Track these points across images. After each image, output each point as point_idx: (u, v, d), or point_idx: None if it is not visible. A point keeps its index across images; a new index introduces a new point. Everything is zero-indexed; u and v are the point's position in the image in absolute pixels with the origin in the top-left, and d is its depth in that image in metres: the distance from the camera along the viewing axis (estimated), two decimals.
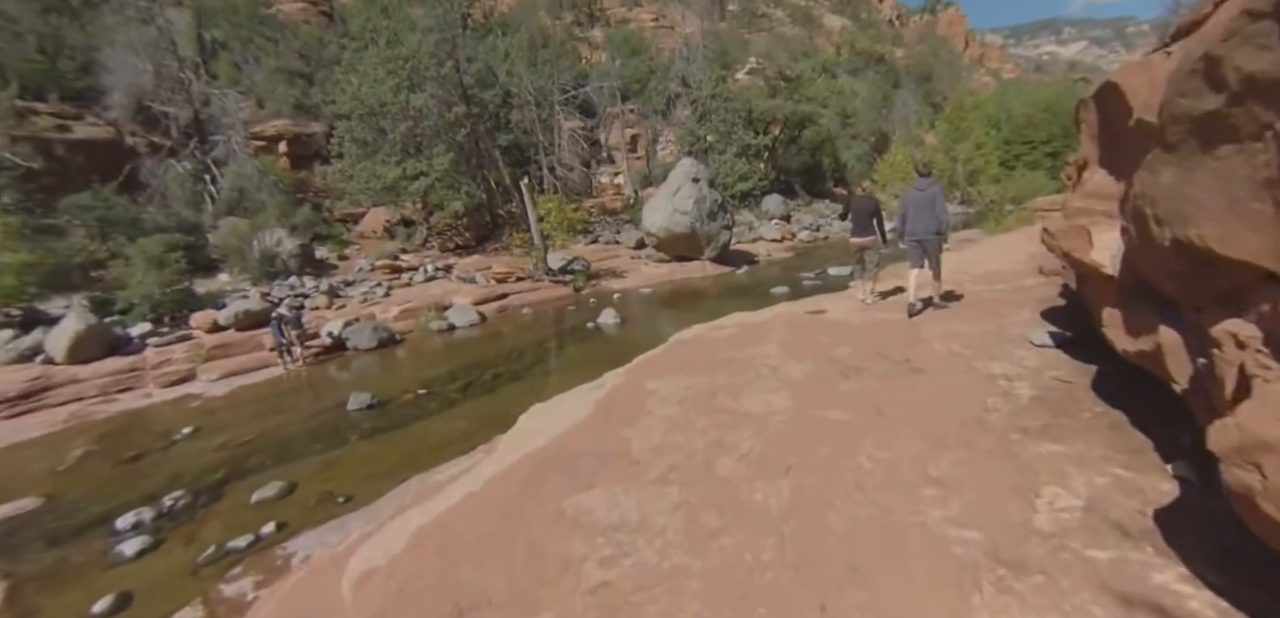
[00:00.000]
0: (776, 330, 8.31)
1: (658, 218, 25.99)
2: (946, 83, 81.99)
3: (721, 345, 8.02)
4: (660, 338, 16.42)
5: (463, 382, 14.55)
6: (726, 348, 7.83)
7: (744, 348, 7.67)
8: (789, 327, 8.44)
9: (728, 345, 7.95)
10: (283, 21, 42.08)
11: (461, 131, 30.70)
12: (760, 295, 20.81)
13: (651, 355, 8.58)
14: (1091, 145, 5.34)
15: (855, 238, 9.89)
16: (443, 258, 29.21)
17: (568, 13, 65.22)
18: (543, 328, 19.58)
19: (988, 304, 8.44)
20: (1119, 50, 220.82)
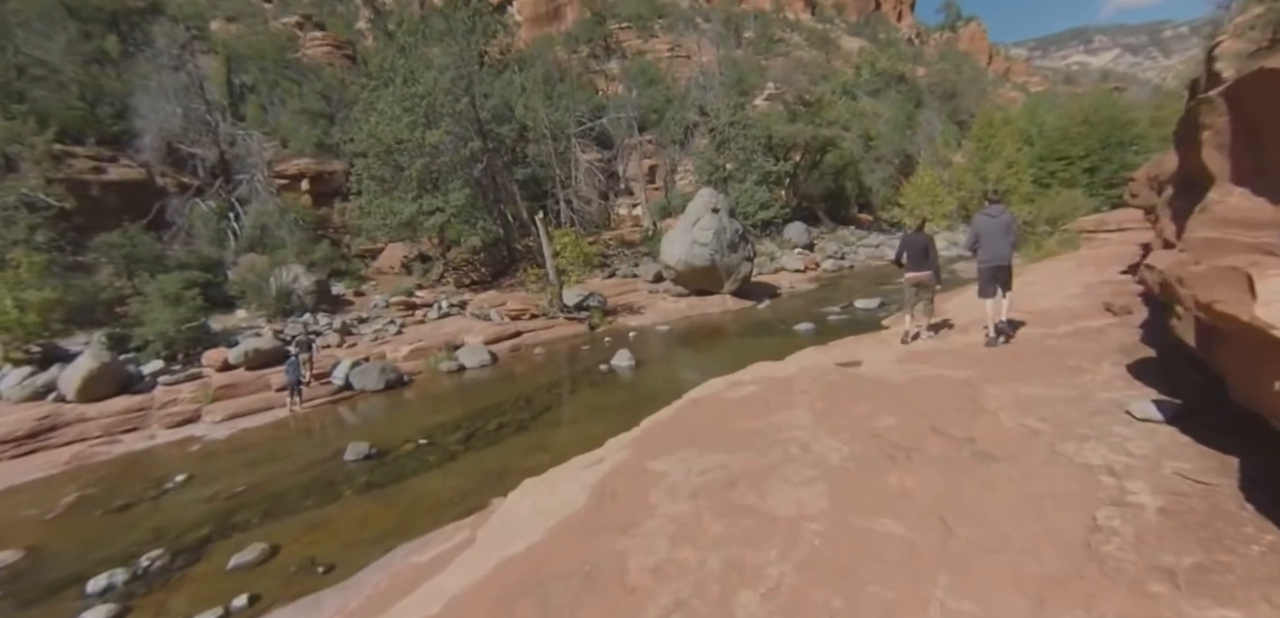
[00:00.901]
0: (805, 390, 7.11)
1: (676, 250, 24.92)
2: (971, 100, 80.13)
3: (741, 410, 6.83)
4: (675, 384, 15.28)
5: (466, 431, 13.51)
6: (747, 414, 6.64)
7: (767, 415, 6.47)
8: (819, 386, 7.23)
9: (748, 411, 6.76)
10: (307, 64, 42.50)
11: (478, 167, 30.13)
12: (783, 334, 19.53)
13: (661, 420, 7.43)
14: (1219, 158, 4.12)
15: (911, 273, 9.52)
16: (458, 294, 28.48)
17: (584, 46, 65.23)
18: (554, 370, 18.51)
19: (1055, 354, 7.16)
20: (1156, 57, 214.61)
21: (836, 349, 9.62)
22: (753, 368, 9.09)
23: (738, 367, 17.02)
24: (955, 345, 8.43)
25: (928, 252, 9.47)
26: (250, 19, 45.03)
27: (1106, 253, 17.96)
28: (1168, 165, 7.25)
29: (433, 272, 30.93)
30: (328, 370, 18.00)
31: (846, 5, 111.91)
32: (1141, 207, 11.27)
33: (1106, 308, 9.18)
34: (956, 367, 7.24)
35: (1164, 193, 7.44)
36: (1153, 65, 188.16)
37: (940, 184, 47.57)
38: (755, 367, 9.15)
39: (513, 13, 71.88)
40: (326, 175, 33.36)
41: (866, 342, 9.87)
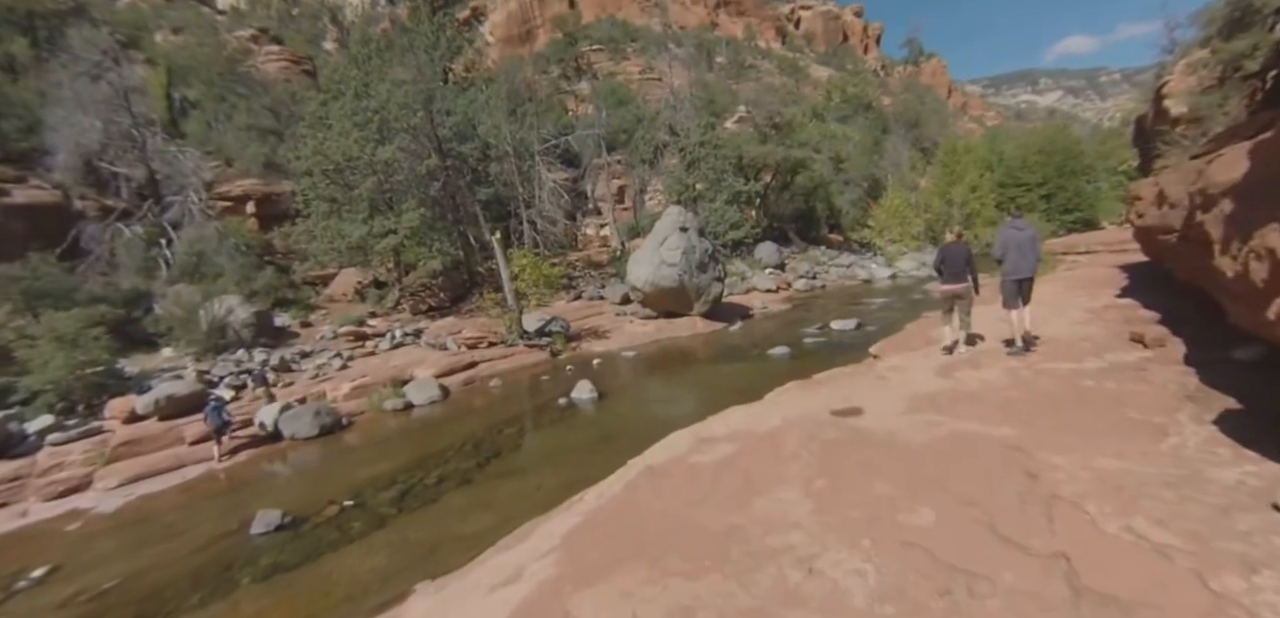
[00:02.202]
0: (796, 454, 5.33)
1: (643, 271, 23.14)
2: (934, 129, 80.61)
3: (712, 490, 4.99)
4: (639, 422, 13.39)
5: (402, 487, 11.41)
6: (720, 497, 4.81)
7: (749, 498, 4.65)
8: (814, 448, 5.44)
9: (722, 491, 4.93)
10: (260, 79, 40.03)
11: (435, 185, 28.06)
12: (757, 359, 17.81)
13: (605, 504, 5.54)
14: None
15: (947, 285, 9.42)
16: (414, 321, 26.24)
17: (555, 67, 63.74)
18: (510, 405, 16.47)
19: (1108, 401, 5.57)
20: (1094, 99, 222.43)
21: (825, 387, 7.90)
22: (727, 415, 7.28)
23: (708, 398, 15.21)
24: (974, 388, 6.76)
25: (968, 263, 9.26)
26: (199, 31, 42.36)
27: (1085, 275, 16.75)
28: (1224, 176, 5.72)
29: (388, 298, 28.64)
30: (251, 417, 15.69)
31: (816, 36, 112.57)
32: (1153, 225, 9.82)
33: (1134, 339, 7.66)
34: (987, 419, 5.56)
35: (1216, 207, 5.89)
36: (1091, 106, 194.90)
37: (909, 206, 46.96)
38: (730, 414, 7.34)
39: (484, 33, 70.32)
40: (275, 197, 30.85)
41: (861, 379, 8.14)
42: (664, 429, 12.42)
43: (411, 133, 27.06)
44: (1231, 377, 5.54)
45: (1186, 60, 34.75)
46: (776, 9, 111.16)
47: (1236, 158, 5.75)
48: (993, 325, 10.64)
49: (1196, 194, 6.34)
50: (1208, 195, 6.01)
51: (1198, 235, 6.38)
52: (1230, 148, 6.10)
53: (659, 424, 12.91)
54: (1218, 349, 6.41)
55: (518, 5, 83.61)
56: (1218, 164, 6.00)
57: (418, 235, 26.40)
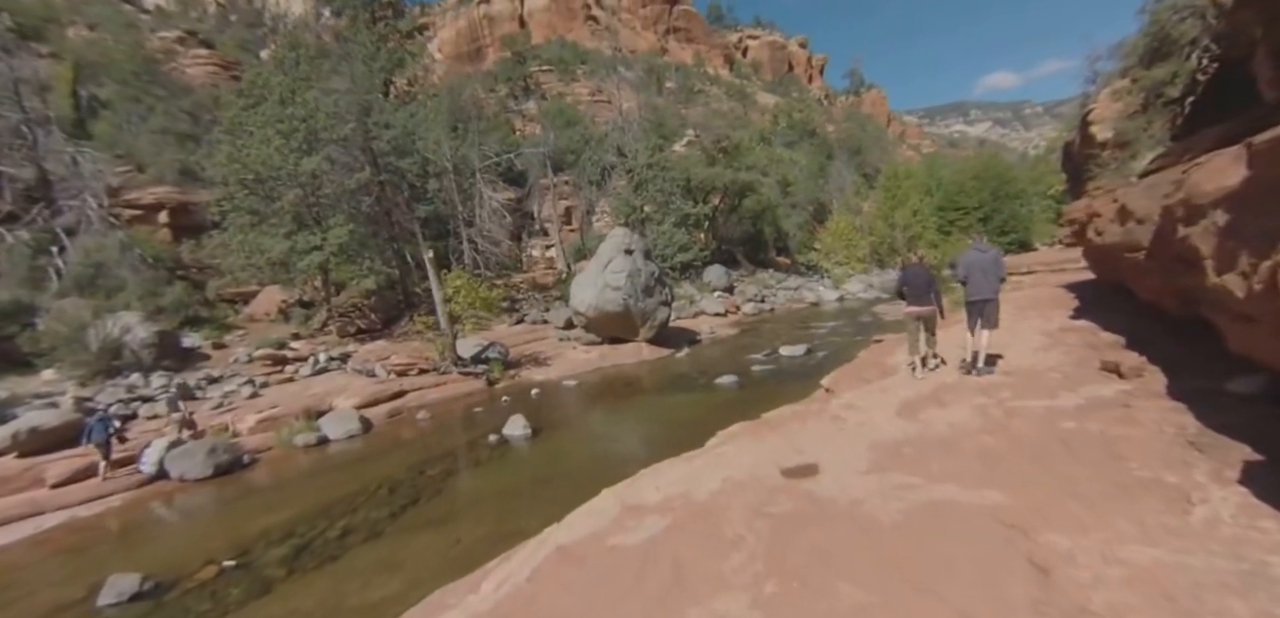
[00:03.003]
0: (740, 538, 4.17)
1: (587, 295, 21.92)
2: (876, 156, 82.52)
3: (632, 595, 3.76)
4: (576, 463, 12.10)
5: (299, 541, 9.77)
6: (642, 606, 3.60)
7: (678, 613, 3.46)
8: (761, 529, 4.30)
9: (645, 598, 3.71)
10: (183, 82, 37.29)
11: (367, 200, 26.23)
12: (704, 388, 16.78)
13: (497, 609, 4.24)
14: None
15: (912, 307, 9.17)
16: (342, 345, 24.21)
17: (503, 86, 62.31)
18: (436, 441, 14.88)
19: (1106, 453, 4.64)
20: (1019, 130, 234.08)
21: (774, 433, 6.83)
22: (661, 472, 6.11)
23: (650, 434, 13.99)
24: (943, 433, 5.79)
25: (931, 285, 9.10)
26: (116, 28, 39.24)
27: (1032, 295, 16.40)
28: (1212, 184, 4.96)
29: (314, 319, 26.48)
30: (134, 455, 13.66)
31: (763, 65, 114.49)
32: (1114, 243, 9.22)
33: (1107, 368, 6.88)
34: (967, 478, 4.57)
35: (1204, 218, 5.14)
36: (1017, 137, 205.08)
37: (854, 230, 47.29)
38: (665, 470, 6.17)
39: (431, 49, 68.34)
40: (191, 206, 28.30)
41: (814, 422, 7.08)
42: (600, 471, 11.18)
43: (341, 144, 25.22)
44: (1234, 415, 4.76)
45: (1110, 88, 36.19)
46: (725, 37, 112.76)
47: (1225, 164, 4.98)
48: (956, 352, 9.94)
49: (1177, 207, 5.58)
50: (1192, 207, 5.24)
51: (1180, 252, 5.63)
52: (1215, 155, 5.35)
53: (596, 465, 11.68)
54: (1204, 379, 5.66)
55: (467, 23, 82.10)
56: (1202, 173, 5.23)
57: (347, 253, 24.48)
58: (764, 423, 7.37)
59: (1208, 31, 25.13)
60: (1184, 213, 5.18)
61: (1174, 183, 5.89)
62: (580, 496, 9.19)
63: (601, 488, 7.71)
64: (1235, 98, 18.03)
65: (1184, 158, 8.83)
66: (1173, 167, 8.21)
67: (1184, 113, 25.68)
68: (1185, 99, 25.93)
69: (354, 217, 24.87)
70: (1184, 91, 25.72)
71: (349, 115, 25.78)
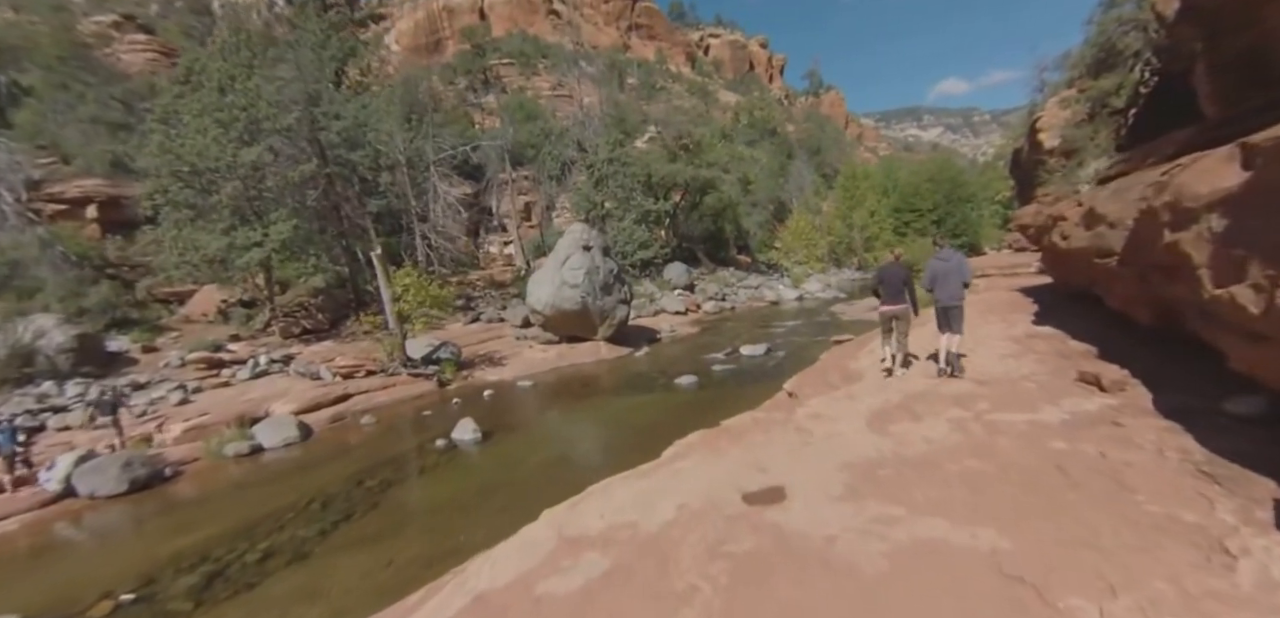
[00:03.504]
0: (693, 588, 3.62)
1: (543, 292, 21.17)
2: (835, 156, 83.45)
3: None
4: (526, 470, 11.44)
5: (213, 566, 8.85)
6: None
7: None
8: (717, 573, 3.76)
9: None
10: (119, 69, 34.98)
11: (313, 193, 24.89)
12: (663, 389, 16.25)
13: None
14: None
15: (886, 306, 9.14)
16: (285, 346, 22.91)
17: (462, 78, 60.71)
18: (381, 448, 13.97)
19: (1109, 482, 4.20)
20: (969, 136, 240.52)
21: (735, 446, 6.31)
22: (607, 493, 5.50)
23: (605, 440, 13.36)
24: (920, 451, 5.34)
25: (906, 283, 9.02)
26: (42, 10, 36.58)
27: (990, 299, 16.32)
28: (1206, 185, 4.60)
29: (256, 319, 25.03)
30: (32, 475, 12.40)
31: (724, 64, 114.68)
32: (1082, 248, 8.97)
33: (1085, 380, 6.53)
34: (956, 511, 4.10)
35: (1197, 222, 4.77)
36: (967, 143, 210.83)
37: (814, 229, 47.54)
38: (612, 490, 5.56)
39: (388, 40, 66.19)
40: (123, 200, 26.46)
41: (779, 433, 6.58)
42: (551, 480, 10.53)
43: (286, 135, 23.87)
44: (1239, 439, 4.39)
45: (1057, 98, 37.10)
46: (686, 35, 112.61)
47: (1217, 165, 4.63)
48: (925, 350, 9.67)
49: (1161, 210, 5.23)
50: (1182, 210, 4.88)
51: (1164, 259, 5.28)
52: (1201, 156, 5.01)
53: (547, 474, 11.02)
54: (1194, 395, 5.31)
55: (426, 14, 79.80)
56: (1192, 174, 4.88)
57: (291, 249, 23.15)
58: (724, 432, 6.84)
59: (1150, 45, 25.77)
60: (1171, 217, 4.82)
61: (1154, 185, 5.56)
62: (527, 508, 8.50)
63: (551, 500, 7.09)
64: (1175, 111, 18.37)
65: (1147, 162, 8.67)
66: (1140, 169, 8.00)
67: (1128, 124, 26.31)
68: (1129, 110, 26.56)
69: (299, 211, 23.54)
70: (1128, 103, 26.34)
71: (294, 104, 24.41)
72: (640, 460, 10.13)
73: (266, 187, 23.15)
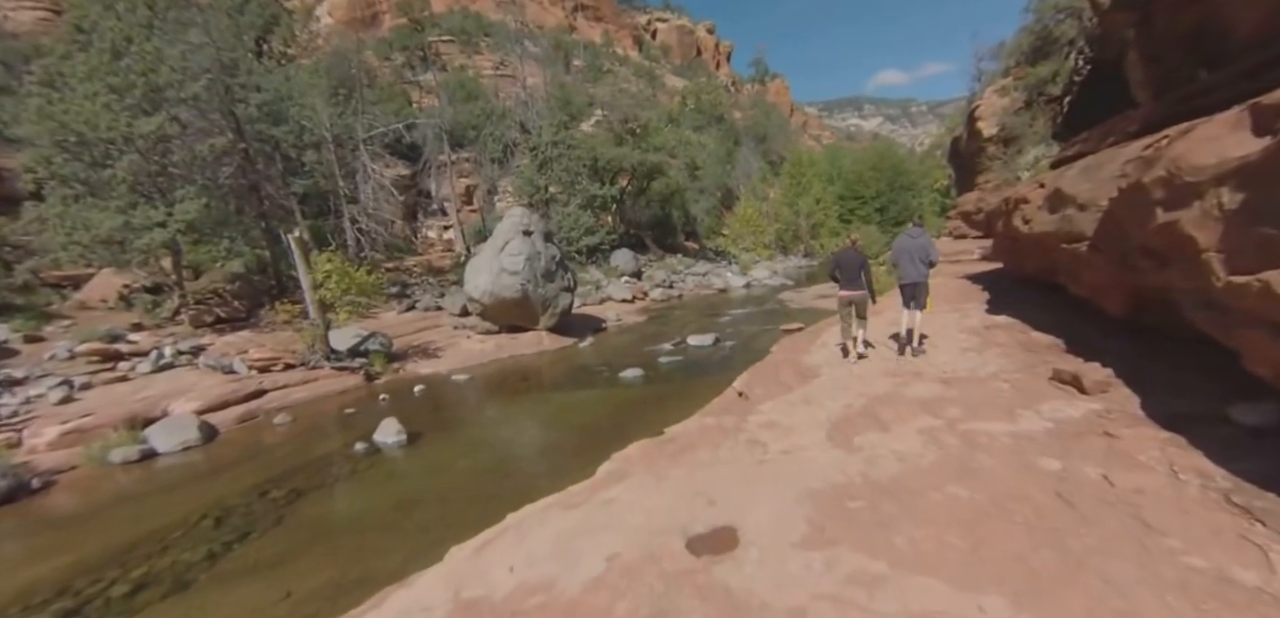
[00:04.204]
0: None
1: (481, 280, 19.94)
2: (781, 144, 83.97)
3: None
4: (453, 478, 10.37)
5: (71, 602, 7.47)
6: None
7: None
8: None
9: None
10: (8, 30, 31.44)
11: (226, 170, 22.78)
12: (607, 383, 15.38)
13: None
14: None
15: (844, 291, 9.05)
16: (196, 336, 20.85)
17: (399, 54, 57.82)
18: (293, 451, 12.58)
19: (1127, 517, 3.54)
20: (907, 126, 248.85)
21: (679, 466, 5.49)
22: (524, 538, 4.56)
23: (543, 440, 12.35)
24: (893, 472, 4.65)
25: (863, 268, 8.88)
26: None
27: (937, 286, 16.07)
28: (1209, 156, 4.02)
29: (164, 307, 22.75)
30: None
31: (671, 49, 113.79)
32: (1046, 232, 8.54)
33: (1061, 380, 5.98)
34: (949, 567, 3.37)
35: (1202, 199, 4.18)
36: (905, 133, 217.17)
37: (761, 216, 47.43)
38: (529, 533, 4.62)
39: (320, 11, 62.33)
40: (3, 173, 23.63)
41: (728, 449, 5.78)
42: (478, 491, 9.46)
43: (193, 105, 21.67)
44: (1262, 459, 3.77)
45: (995, 86, 37.91)
46: (633, 18, 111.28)
47: (1221, 131, 4.04)
48: (885, 335, 9.11)
49: (1152, 186, 4.65)
50: (1180, 186, 4.29)
51: (1155, 242, 4.72)
52: (1200, 124, 4.43)
53: (475, 482, 9.94)
54: (1187, 399, 4.78)
55: None
56: (1190, 143, 4.30)
57: (200, 230, 21.09)
58: (668, 444, 6.01)
59: (1083, 33, 26.34)
60: (1165, 194, 4.23)
61: (1137, 160, 5.01)
62: (452, 525, 7.53)
63: (477, 517, 6.17)
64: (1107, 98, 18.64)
65: (1107, 141, 8.32)
66: (1105, 148, 7.59)
67: (1063, 112, 26.85)
68: (1064, 98, 27.13)
69: (210, 189, 21.42)
70: (1064, 90, 26.91)
71: (204, 72, 22.19)
72: (578, 466, 9.24)
73: (172, 161, 20.95)
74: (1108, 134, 8.63)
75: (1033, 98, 28.86)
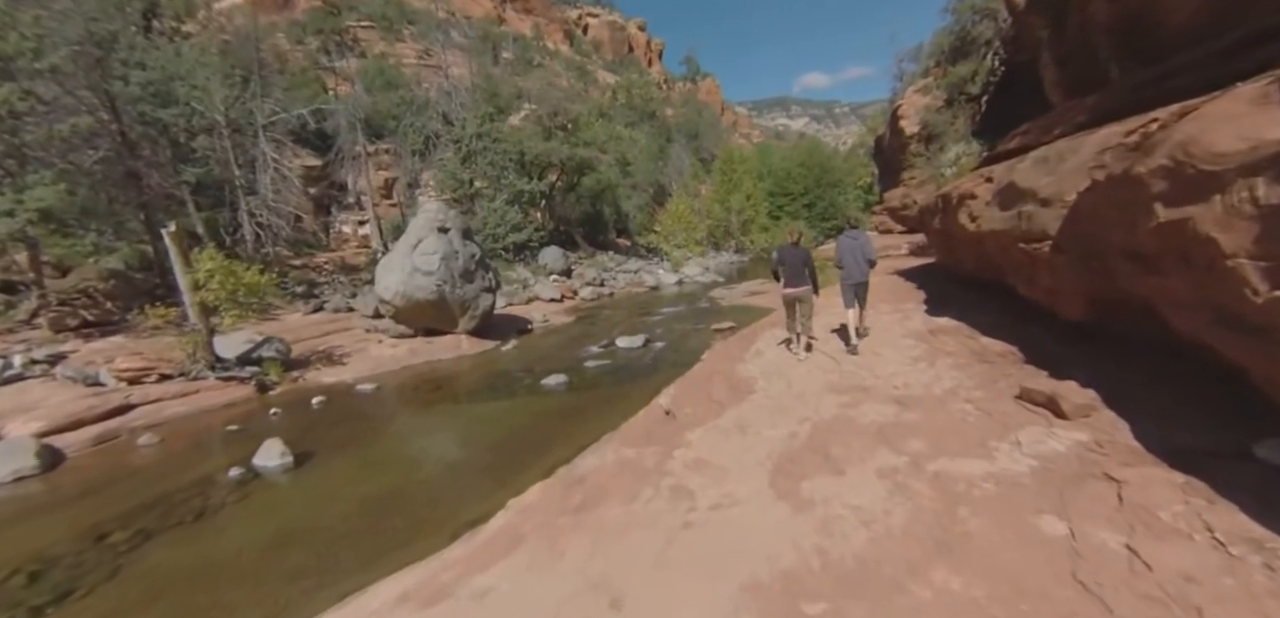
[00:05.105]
0: None
1: (392, 280, 18.27)
2: (712, 141, 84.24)
3: None
4: (340, 509, 8.92)
5: None
6: None
7: None
8: None
9: None
10: None
11: (92, 154, 20.07)
12: (527, 391, 14.16)
13: None
14: None
15: (787, 289, 8.88)
16: (57, 342, 18.18)
17: (313, 38, 54.11)
18: (153, 481, 10.68)
19: None
20: (831, 126, 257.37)
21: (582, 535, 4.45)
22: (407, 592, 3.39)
23: (452, 454, 11.01)
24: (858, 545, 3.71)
25: (806, 264, 8.80)
26: None
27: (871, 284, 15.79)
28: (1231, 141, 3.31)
29: (20, 307, 19.85)
30: None
31: (603, 45, 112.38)
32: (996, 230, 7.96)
33: (1033, 401, 5.22)
34: None
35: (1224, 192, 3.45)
36: (829, 133, 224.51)
37: (693, 212, 46.95)
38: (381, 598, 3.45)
39: None
40: None
41: (644, 492, 4.76)
42: (366, 529, 8.05)
43: (52, 78, 18.92)
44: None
45: (916, 86, 38.89)
46: (565, 13, 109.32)
47: (1241, 109, 3.33)
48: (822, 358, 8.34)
49: (1153, 177, 3.92)
50: (1192, 176, 3.56)
51: (1152, 244, 4.00)
52: (1210, 100, 3.72)
53: (364, 518, 8.33)
54: (1188, 430, 4.02)
55: None
56: (1203, 123, 3.56)
57: (59, 220, 18.44)
58: (575, 488, 4.93)
59: (999, 35, 27.00)
60: (1168, 185, 3.50)
61: (1121, 149, 4.31)
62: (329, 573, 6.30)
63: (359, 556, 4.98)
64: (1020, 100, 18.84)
65: (1053, 134, 7.83)
66: (1053, 139, 7.03)
67: (981, 110, 27.42)
68: (982, 97, 27.75)
69: (71, 174, 18.75)
70: (982, 89, 27.53)
71: (65, 42, 19.45)
72: (487, 489, 8.05)
73: (23, 142, 18.18)
74: (1052, 125, 8.18)
75: (954, 96, 29.54)
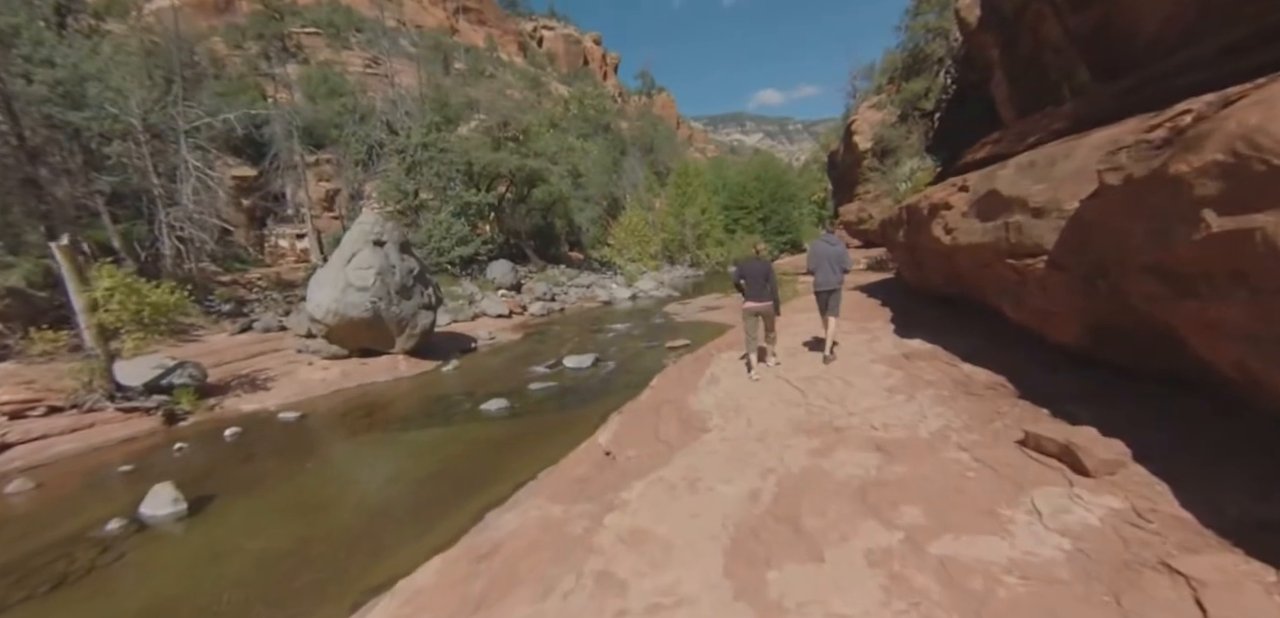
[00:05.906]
0: None
1: (324, 296, 16.92)
2: (667, 155, 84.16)
3: None
4: (237, 570, 7.65)
5: None
6: None
7: None
8: None
9: None
10: None
11: None
12: (465, 418, 13.08)
13: None
14: None
15: (750, 302, 8.58)
16: None
17: (253, 43, 51.54)
18: (14, 536, 9.17)
19: None
20: (784, 142, 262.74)
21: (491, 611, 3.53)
22: None
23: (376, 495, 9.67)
24: None
25: (768, 278, 8.52)
26: None
27: None
28: None
29: None
30: None
31: (558, 57, 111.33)
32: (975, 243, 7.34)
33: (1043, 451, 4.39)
34: None
35: None
36: (783, 149, 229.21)
37: (647, 225, 46.31)
38: None
39: None
40: None
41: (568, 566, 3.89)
42: (265, 590, 6.98)
43: None
44: None
45: (869, 102, 39.39)
46: (519, 24, 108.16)
47: None
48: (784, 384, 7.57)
49: (1196, 178, 3.22)
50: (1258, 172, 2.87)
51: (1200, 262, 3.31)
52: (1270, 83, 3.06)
53: (262, 580, 6.90)
54: (1236, 489, 3.29)
55: None
56: (1267, 105, 2.88)
57: None
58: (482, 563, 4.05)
59: (950, 53, 27.32)
60: (1224, 189, 2.83)
61: (1140, 144, 3.67)
62: None
63: None
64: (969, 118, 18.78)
65: (1028, 141, 7.32)
66: (1028, 148, 6.47)
67: (935, 126, 27.63)
68: (935, 113, 28.00)
69: None
70: (935, 106, 27.79)
71: None
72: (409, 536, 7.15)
73: None
74: (1027, 133, 7.69)
75: (907, 112, 29.79)
